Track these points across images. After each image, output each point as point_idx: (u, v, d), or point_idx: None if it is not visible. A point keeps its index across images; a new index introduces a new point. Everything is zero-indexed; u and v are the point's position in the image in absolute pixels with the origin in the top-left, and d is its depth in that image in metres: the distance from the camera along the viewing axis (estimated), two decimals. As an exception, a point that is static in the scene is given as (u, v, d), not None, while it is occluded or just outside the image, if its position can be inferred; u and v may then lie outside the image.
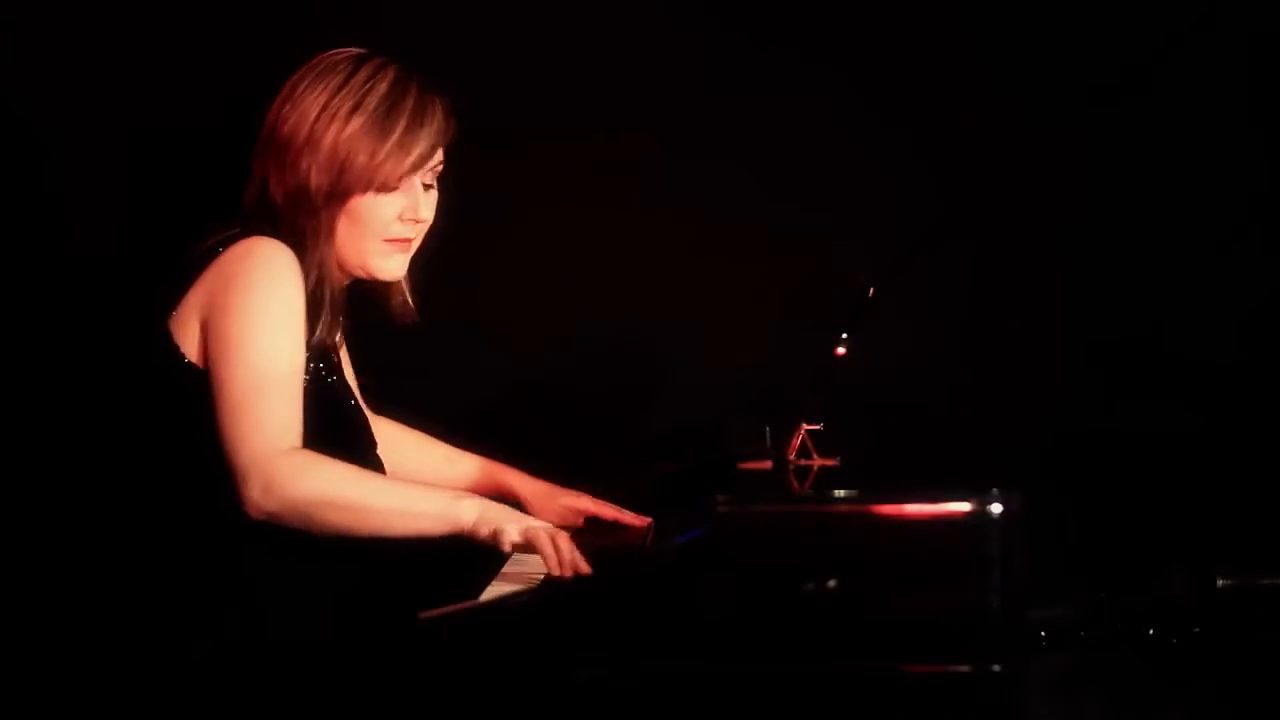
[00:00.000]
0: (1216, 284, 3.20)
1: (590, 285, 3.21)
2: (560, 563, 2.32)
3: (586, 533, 2.73)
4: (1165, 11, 3.14)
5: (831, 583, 2.09)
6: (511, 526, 2.34)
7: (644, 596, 2.14)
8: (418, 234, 2.53)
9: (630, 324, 3.22)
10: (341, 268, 2.50)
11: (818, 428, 2.55)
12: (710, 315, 3.20)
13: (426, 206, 2.52)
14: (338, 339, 2.58)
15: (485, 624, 2.18)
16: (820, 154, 3.18)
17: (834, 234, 3.16)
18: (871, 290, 2.51)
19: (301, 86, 2.47)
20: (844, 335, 2.52)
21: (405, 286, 2.60)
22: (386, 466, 2.67)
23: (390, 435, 2.75)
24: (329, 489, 2.28)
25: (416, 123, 2.47)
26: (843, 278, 2.55)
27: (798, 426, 2.55)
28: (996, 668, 2.08)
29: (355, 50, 2.51)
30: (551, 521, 2.80)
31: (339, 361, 2.59)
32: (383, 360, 2.74)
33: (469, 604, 2.24)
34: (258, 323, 2.31)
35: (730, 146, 3.19)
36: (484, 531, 2.34)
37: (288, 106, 2.47)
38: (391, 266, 2.52)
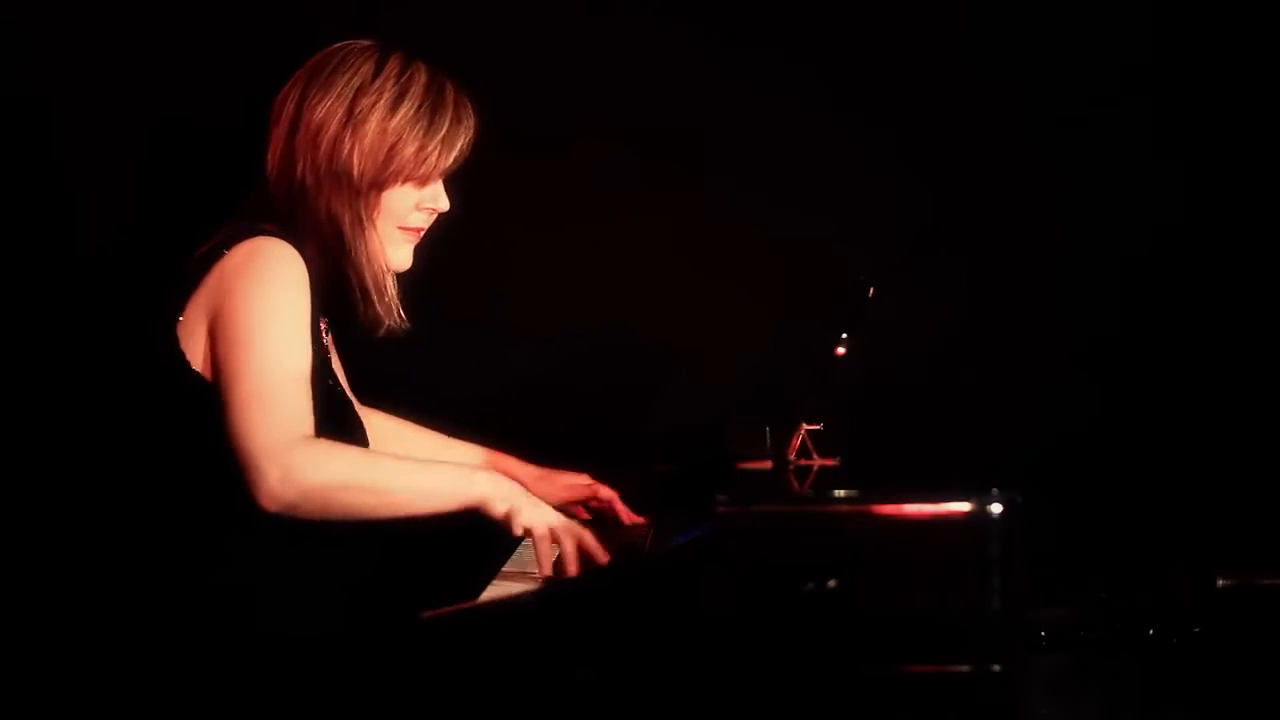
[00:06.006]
0: (1216, 284, 3.20)
1: (590, 285, 3.21)
2: (569, 559, 2.33)
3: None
4: (1165, 11, 3.15)
5: (831, 583, 2.09)
6: (519, 509, 2.33)
7: (644, 596, 2.14)
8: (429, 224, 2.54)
9: (630, 324, 3.22)
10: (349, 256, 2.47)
11: (818, 428, 2.55)
12: (710, 315, 3.20)
13: (444, 198, 2.53)
14: (323, 328, 2.55)
15: (486, 624, 2.18)
16: (820, 155, 3.18)
17: (834, 234, 3.16)
18: (871, 290, 2.50)
19: (327, 71, 2.46)
20: (844, 335, 2.52)
21: (396, 293, 2.56)
22: None
23: (381, 426, 2.74)
24: (347, 473, 2.27)
25: (457, 119, 2.49)
26: (843, 278, 2.55)
27: (798, 426, 2.55)
28: (996, 668, 2.08)
29: (368, 41, 2.49)
30: (551, 504, 2.81)
31: (328, 348, 2.58)
32: (381, 359, 2.73)
33: (470, 604, 2.24)
34: (267, 319, 2.30)
35: (731, 147, 3.19)
36: (499, 509, 2.33)
37: (315, 91, 2.44)
38: (403, 255, 2.51)
